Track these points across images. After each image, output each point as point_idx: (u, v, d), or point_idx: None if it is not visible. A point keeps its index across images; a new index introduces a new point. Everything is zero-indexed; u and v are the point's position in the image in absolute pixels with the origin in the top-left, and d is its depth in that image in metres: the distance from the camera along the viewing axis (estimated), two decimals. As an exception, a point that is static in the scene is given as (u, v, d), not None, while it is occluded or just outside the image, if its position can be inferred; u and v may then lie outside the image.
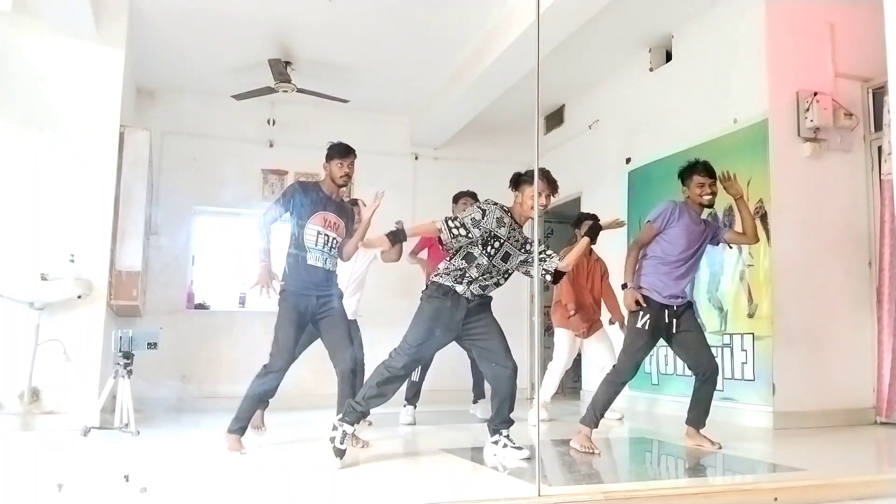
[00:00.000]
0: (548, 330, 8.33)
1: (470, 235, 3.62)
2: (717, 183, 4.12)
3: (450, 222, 3.63)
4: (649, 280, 4.06)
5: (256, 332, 4.12)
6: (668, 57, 6.24)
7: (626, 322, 4.35)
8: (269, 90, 6.37)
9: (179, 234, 7.06)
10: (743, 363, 5.14)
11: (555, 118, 8.00)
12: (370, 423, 4.96)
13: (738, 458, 3.82)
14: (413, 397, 5.25)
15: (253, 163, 7.40)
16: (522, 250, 3.78)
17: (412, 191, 7.75)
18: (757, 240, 4.38)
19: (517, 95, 6.16)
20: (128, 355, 4.30)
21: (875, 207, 5.25)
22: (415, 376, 5.13)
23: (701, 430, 4.12)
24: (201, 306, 7.14)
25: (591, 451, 3.84)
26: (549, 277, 3.82)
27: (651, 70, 6.36)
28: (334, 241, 4.02)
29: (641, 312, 4.00)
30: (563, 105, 7.84)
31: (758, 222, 5.09)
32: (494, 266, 3.69)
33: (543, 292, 7.67)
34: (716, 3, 5.55)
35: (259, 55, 6.27)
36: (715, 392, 4.17)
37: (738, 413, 5.11)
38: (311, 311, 3.93)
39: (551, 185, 3.72)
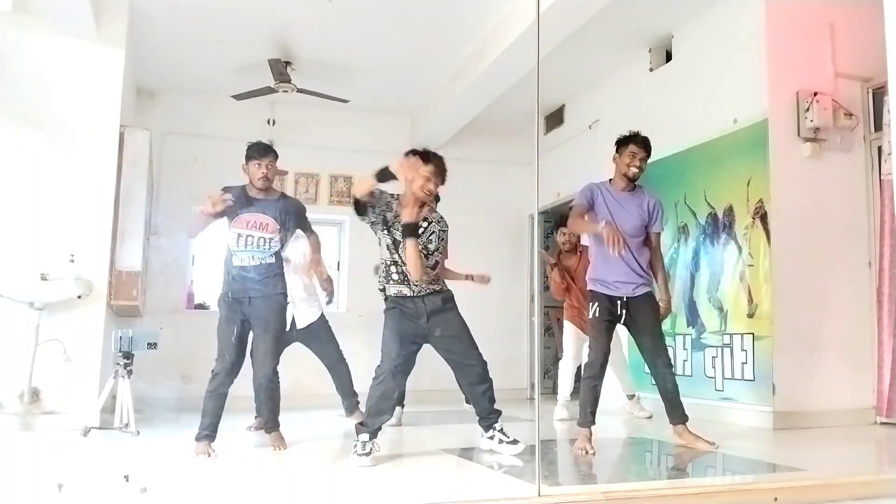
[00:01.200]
0: (548, 330, 8.37)
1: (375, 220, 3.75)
2: (647, 160, 4.13)
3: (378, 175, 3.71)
4: (595, 270, 4.06)
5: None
6: (668, 57, 6.24)
7: None
8: (269, 90, 6.37)
9: (179, 234, 7.06)
10: (743, 363, 5.14)
11: (555, 118, 8.00)
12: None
13: (738, 458, 3.81)
14: (400, 396, 5.17)
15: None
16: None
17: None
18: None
19: (517, 95, 6.16)
20: (128, 355, 4.30)
21: (875, 207, 5.24)
22: None
23: (692, 430, 4.02)
24: (201, 306, 7.13)
25: (585, 452, 3.81)
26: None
27: (651, 70, 6.36)
28: (260, 241, 3.98)
29: (591, 303, 4.02)
30: (563, 105, 7.83)
31: (758, 222, 5.10)
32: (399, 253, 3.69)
33: (543, 292, 7.68)
34: (716, 3, 5.55)
35: (259, 55, 6.27)
36: (676, 379, 4.10)
37: (738, 413, 5.11)
38: (246, 313, 3.94)
39: (438, 167, 3.78)
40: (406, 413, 5.24)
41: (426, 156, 3.77)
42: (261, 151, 4.06)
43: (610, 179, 4.20)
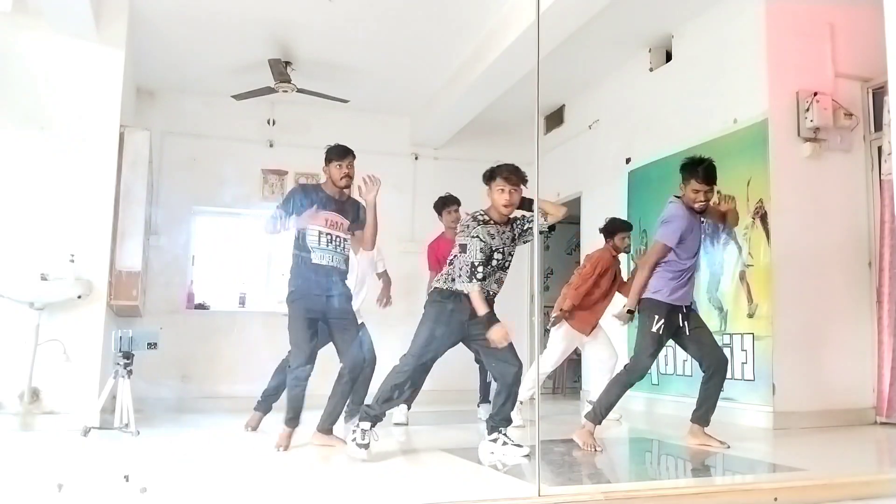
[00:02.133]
0: (548, 330, 8.35)
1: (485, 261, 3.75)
2: (713, 191, 4.10)
3: (458, 272, 3.71)
4: (656, 284, 4.07)
5: (256, 332, 4.13)
6: (668, 57, 6.24)
7: (638, 324, 4.26)
8: (269, 90, 6.37)
9: (179, 234, 7.06)
10: (743, 363, 5.14)
11: (555, 118, 8.00)
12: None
13: (738, 458, 3.81)
14: (409, 396, 5.19)
15: (253, 163, 7.40)
16: (514, 243, 3.89)
17: (412, 191, 7.75)
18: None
19: (517, 95, 6.16)
20: (128, 355, 4.30)
21: (875, 207, 5.24)
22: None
23: (706, 430, 4.09)
24: (201, 306, 7.13)
25: (592, 448, 3.85)
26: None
27: (651, 70, 6.36)
28: (339, 240, 4.06)
29: (657, 316, 4.01)
30: (563, 105, 7.83)
31: (758, 222, 5.11)
32: (495, 267, 3.79)
33: (544, 292, 7.68)
34: (716, 3, 5.55)
35: (259, 55, 6.27)
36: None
37: (738, 413, 5.11)
38: (321, 312, 3.99)
39: (520, 178, 3.76)
40: (413, 413, 5.25)
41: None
42: (340, 153, 4.14)
43: (680, 196, 4.13)
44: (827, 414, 4.93)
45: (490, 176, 3.80)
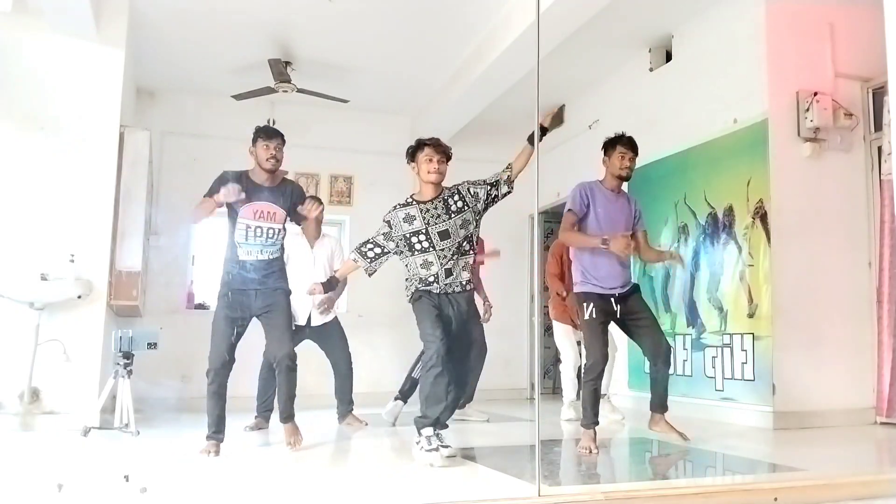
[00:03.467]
0: (548, 330, 8.35)
1: (387, 250, 3.76)
2: (635, 160, 4.14)
3: (363, 248, 3.78)
4: (582, 273, 4.06)
5: (256, 332, 4.11)
6: (668, 57, 6.24)
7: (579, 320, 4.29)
8: (269, 90, 6.37)
9: (179, 234, 7.05)
10: (743, 363, 5.14)
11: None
12: (366, 424, 4.96)
13: (738, 458, 3.81)
14: (407, 391, 5.14)
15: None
16: (458, 214, 3.74)
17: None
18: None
19: (517, 95, 6.15)
20: (128, 355, 4.29)
21: (875, 207, 5.24)
22: (415, 372, 5.11)
23: (668, 420, 4.10)
24: (201, 306, 7.13)
25: (588, 451, 3.83)
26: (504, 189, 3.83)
27: (651, 70, 6.36)
28: (270, 231, 3.90)
29: (585, 304, 4.00)
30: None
31: (758, 222, 5.10)
32: (440, 250, 3.71)
33: (543, 292, 7.67)
34: (716, 3, 5.55)
35: (259, 55, 6.27)
36: (669, 374, 4.16)
37: (738, 413, 5.11)
38: (250, 308, 3.88)
39: (441, 148, 3.77)
40: (406, 413, 5.24)
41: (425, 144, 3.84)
42: (268, 133, 4.00)
43: (600, 180, 4.18)
44: (827, 414, 4.93)
45: (416, 149, 3.80)
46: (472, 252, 3.81)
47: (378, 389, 6.42)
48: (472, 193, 3.79)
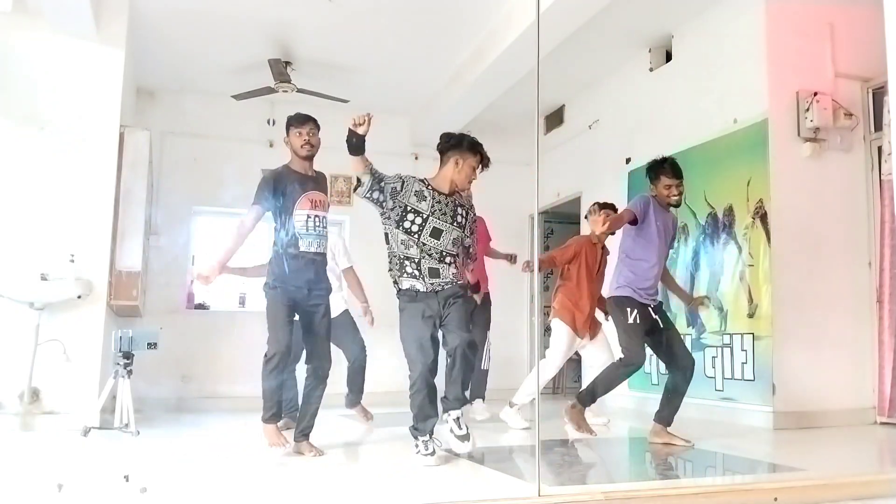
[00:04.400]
0: (547, 330, 8.35)
1: (384, 205, 3.54)
2: (683, 184, 4.18)
3: (375, 176, 3.52)
4: (627, 278, 4.11)
5: (256, 332, 4.11)
6: (668, 57, 6.24)
7: (615, 322, 4.24)
8: (269, 90, 6.37)
9: (179, 234, 7.06)
10: (743, 363, 5.14)
11: (555, 118, 8.00)
12: (372, 418, 4.97)
13: (738, 458, 3.81)
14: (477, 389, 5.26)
15: (253, 163, 7.33)
16: (458, 228, 3.60)
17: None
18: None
19: (517, 95, 6.16)
20: (128, 355, 4.28)
21: (875, 207, 5.25)
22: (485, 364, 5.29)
23: (669, 431, 4.09)
24: (201, 306, 7.14)
25: (583, 430, 3.84)
26: None
27: (651, 70, 6.36)
28: (325, 221, 3.83)
29: (629, 309, 4.04)
30: (563, 105, 7.83)
31: (758, 222, 5.10)
32: (425, 244, 3.52)
33: (543, 292, 7.67)
34: (716, 3, 5.55)
35: (259, 55, 6.27)
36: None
37: (738, 413, 5.11)
38: (301, 304, 3.76)
39: (482, 156, 3.65)
40: (406, 412, 5.24)
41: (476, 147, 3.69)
42: (300, 119, 3.90)
43: (653, 195, 4.20)
44: (827, 414, 4.93)
45: (457, 146, 3.66)
46: (454, 265, 3.61)
47: (378, 389, 6.42)
48: (471, 229, 3.72)
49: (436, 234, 3.55)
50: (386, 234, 3.61)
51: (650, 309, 4.10)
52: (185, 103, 7.19)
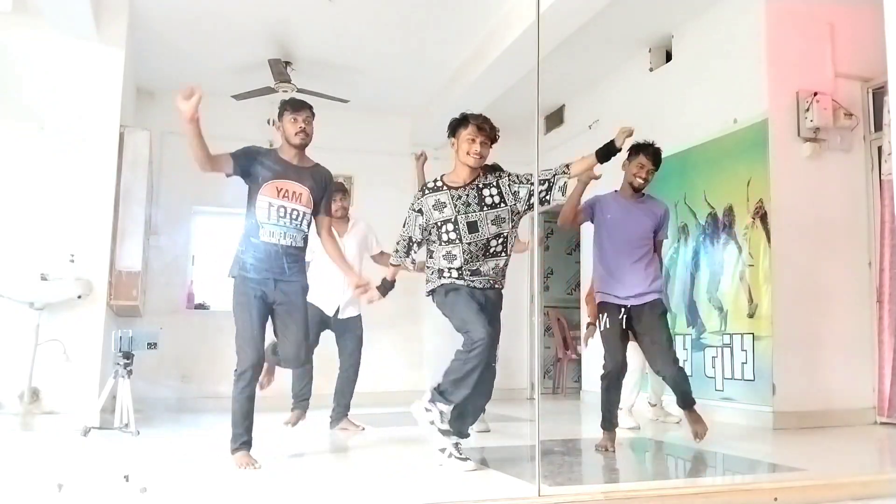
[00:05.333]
0: (548, 330, 8.36)
1: (428, 241, 3.52)
2: (655, 174, 4.13)
3: (397, 245, 3.56)
4: (602, 282, 4.08)
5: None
6: (668, 57, 6.24)
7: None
8: (269, 90, 6.37)
9: (179, 234, 7.06)
10: (743, 363, 5.14)
11: (555, 118, 7.99)
12: (363, 429, 4.93)
13: (738, 458, 3.81)
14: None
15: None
16: (491, 209, 3.42)
17: (412, 191, 7.68)
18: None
19: (517, 95, 6.15)
20: (128, 355, 4.28)
21: (875, 207, 5.25)
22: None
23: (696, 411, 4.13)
24: (201, 306, 7.14)
25: (606, 448, 3.88)
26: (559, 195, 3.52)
27: (651, 70, 6.36)
28: (294, 213, 3.53)
29: (601, 314, 4.03)
30: (563, 105, 7.83)
31: (758, 222, 5.10)
32: (467, 244, 3.40)
33: (543, 292, 7.68)
34: (716, 3, 5.55)
35: (259, 55, 6.27)
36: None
37: (738, 413, 5.11)
38: (269, 297, 3.50)
39: (490, 130, 3.42)
40: (405, 412, 5.23)
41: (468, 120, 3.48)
42: (296, 105, 3.69)
43: (616, 190, 4.19)
44: (827, 414, 4.93)
45: (458, 124, 3.44)
46: (504, 254, 3.48)
47: (377, 389, 6.43)
48: (514, 192, 3.49)
49: (472, 228, 3.41)
50: (430, 251, 3.54)
51: (624, 309, 3.96)
52: (185, 103, 7.18)
